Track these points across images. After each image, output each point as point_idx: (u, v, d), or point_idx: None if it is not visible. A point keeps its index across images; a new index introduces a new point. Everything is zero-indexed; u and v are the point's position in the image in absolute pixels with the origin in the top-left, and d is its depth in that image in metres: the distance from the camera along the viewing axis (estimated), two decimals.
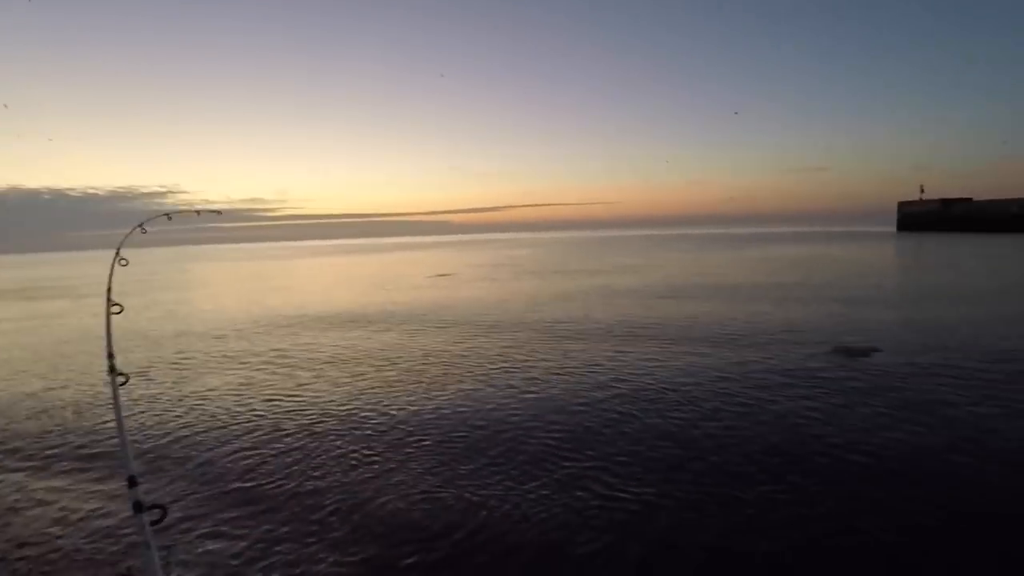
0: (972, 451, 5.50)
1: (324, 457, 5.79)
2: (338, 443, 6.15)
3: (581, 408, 7.11)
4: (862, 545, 4.00)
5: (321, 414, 7.21)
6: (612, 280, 24.48)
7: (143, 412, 7.57)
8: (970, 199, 76.59)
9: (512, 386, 8.22)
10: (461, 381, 8.57)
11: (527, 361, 9.73)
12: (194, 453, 5.89)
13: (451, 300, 18.97)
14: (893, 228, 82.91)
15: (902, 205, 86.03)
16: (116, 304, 2.78)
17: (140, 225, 4.25)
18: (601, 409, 7.05)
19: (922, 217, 79.91)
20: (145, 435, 6.47)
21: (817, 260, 34.58)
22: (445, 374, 9.04)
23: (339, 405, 7.55)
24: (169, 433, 6.59)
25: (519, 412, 7.04)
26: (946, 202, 78.00)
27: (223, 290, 28.77)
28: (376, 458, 5.77)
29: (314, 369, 9.73)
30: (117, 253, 3.68)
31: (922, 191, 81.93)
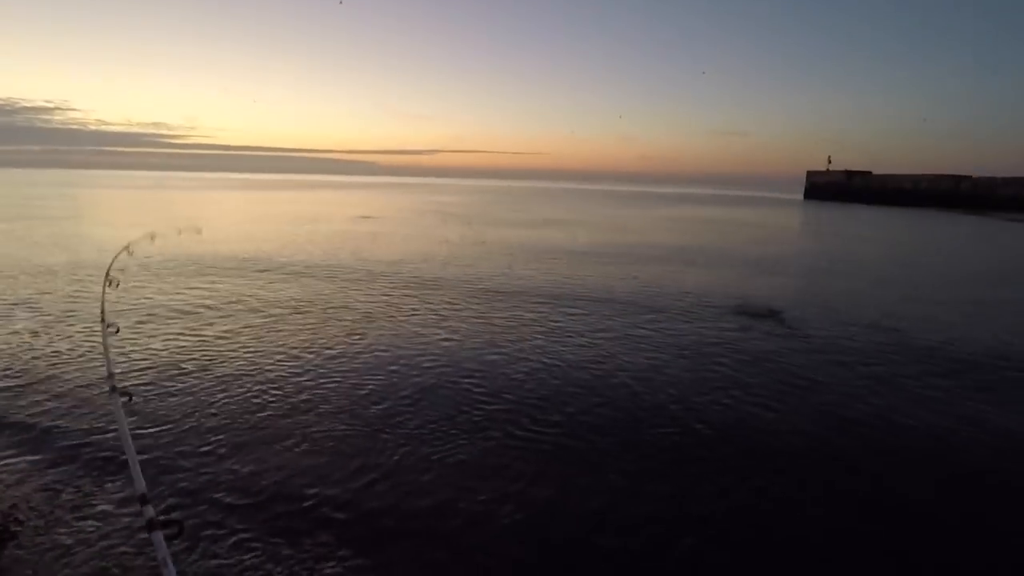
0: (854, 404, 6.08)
1: (237, 406, 5.52)
2: (242, 391, 5.89)
3: (497, 356, 7.19)
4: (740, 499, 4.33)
5: (230, 360, 6.86)
6: (537, 233, 24.64)
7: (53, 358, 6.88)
8: (870, 172, 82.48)
9: (428, 334, 8.16)
10: (380, 329, 8.39)
11: (444, 310, 9.67)
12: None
13: (373, 246, 18.41)
14: (801, 196, 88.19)
15: (810, 174, 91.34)
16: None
17: None
18: (517, 359, 7.16)
19: (827, 187, 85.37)
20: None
21: (729, 223, 36.39)
22: (363, 321, 8.82)
23: (241, 354, 7.21)
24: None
25: (435, 359, 7.02)
26: (849, 173, 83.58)
27: (114, 219, 26.31)
28: (279, 407, 5.58)
29: (223, 312, 9.19)
30: None
31: (829, 162, 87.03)
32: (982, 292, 13.38)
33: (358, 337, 7.84)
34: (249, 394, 5.73)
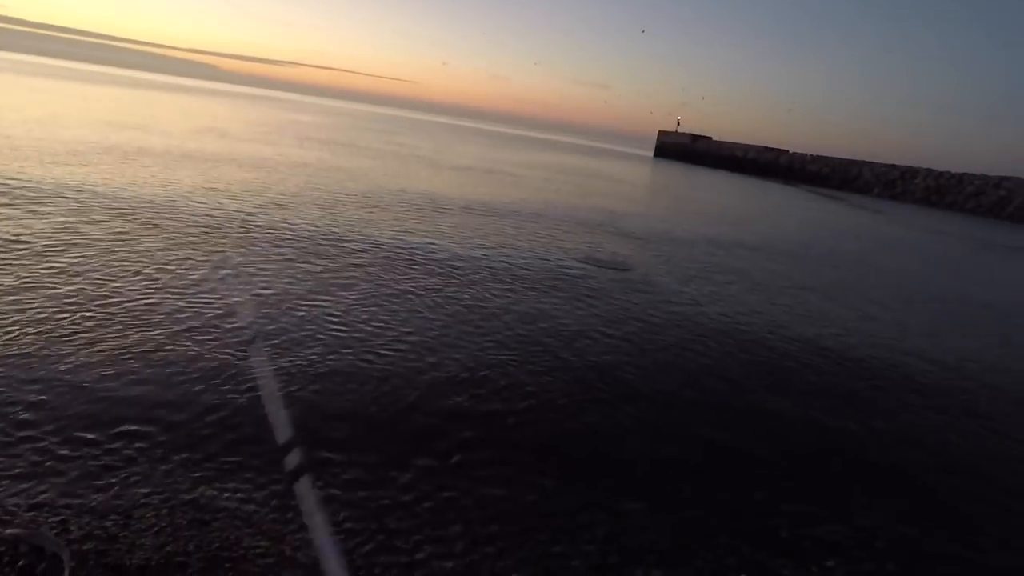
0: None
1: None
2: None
3: (360, 280, 7.23)
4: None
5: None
6: (409, 169, 24.04)
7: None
8: (710, 138, 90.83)
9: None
10: (243, 247, 7.91)
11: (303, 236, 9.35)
12: None
13: (225, 167, 16.70)
14: (651, 153, 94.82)
15: (661, 134, 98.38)
16: None
17: None
18: (379, 287, 7.26)
19: (674, 147, 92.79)
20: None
21: (586, 172, 38.38)
22: (222, 242, 8.23)
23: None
24: None
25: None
26: (694, 137, 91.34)
27: None
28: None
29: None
30: None
31: (678, 124, 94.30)
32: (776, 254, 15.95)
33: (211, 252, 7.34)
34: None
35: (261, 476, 3.24)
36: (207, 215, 9.72)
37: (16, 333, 4.59)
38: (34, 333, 4.64)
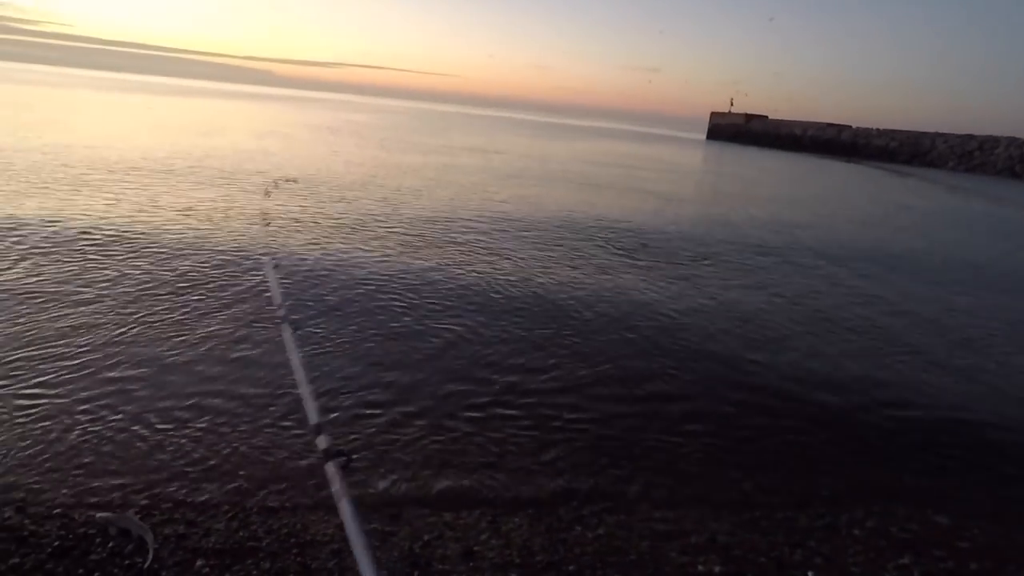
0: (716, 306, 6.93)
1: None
2: None
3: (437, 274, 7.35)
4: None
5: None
6: (459, 160, 24.27)
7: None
8: (766, 116, 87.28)
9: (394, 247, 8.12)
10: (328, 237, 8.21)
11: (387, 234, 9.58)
12: None
13: (296, 166, 17.37)
14: (704, 136, 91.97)
15: (714, 115, 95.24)
16: None
17: None
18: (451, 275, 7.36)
19: (728, 128, 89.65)
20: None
21: (637, 157, 37.60)
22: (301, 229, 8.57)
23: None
24: None
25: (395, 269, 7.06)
26: (748, 116, 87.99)
27: None
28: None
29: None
30: None
31: (731, 104, 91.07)
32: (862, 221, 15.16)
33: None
34: None
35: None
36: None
37: (105, 320, 4.92)
38: (117, 318, 4.96)
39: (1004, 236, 18.41)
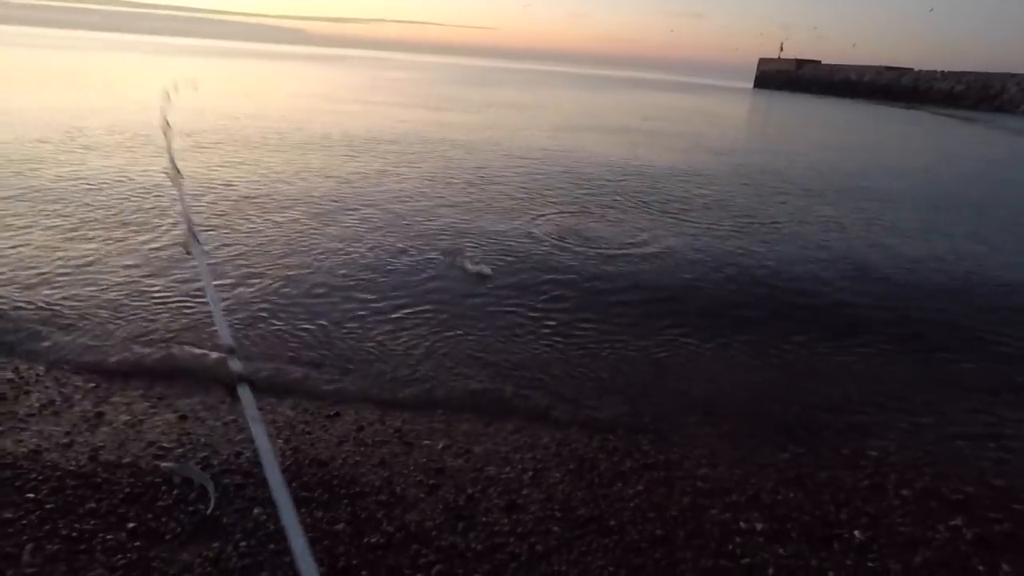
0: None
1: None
2: None
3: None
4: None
5: None
6: (504, 118, 23.88)
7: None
8: (819, 62, 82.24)
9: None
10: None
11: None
12: None
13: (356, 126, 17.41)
14: (751, 84, 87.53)
15: (762, 62, 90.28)
16: None
17: None
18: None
19: (777, 76, 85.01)
20: None
21: (682, 110, 36.17)
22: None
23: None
24: None
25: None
26: (800, 62, 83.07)
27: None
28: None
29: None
30: None
31: (781, 49, 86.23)
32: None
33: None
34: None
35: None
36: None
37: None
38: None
39: None
